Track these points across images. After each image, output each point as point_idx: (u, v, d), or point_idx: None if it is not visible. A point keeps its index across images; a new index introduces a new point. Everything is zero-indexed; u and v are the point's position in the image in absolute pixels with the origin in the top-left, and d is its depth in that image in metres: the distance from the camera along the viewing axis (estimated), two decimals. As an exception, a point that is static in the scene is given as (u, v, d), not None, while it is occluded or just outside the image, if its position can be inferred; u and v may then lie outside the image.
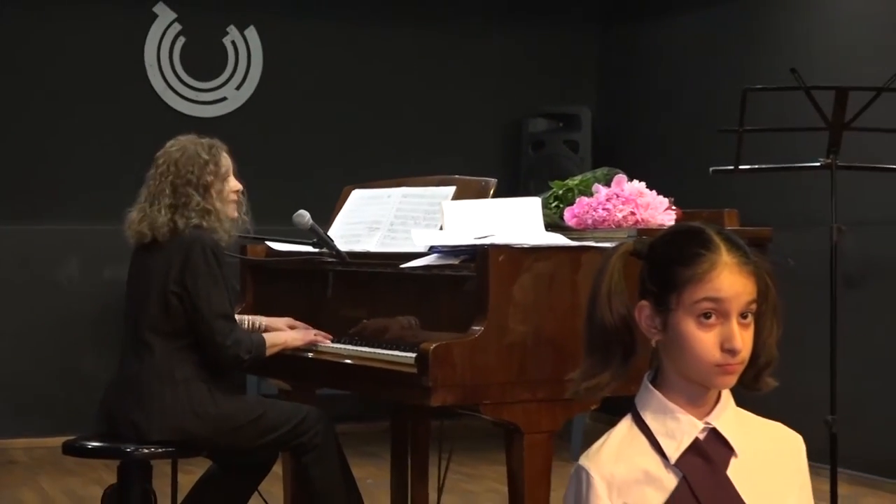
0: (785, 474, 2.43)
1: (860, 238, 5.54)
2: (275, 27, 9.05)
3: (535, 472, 4.33)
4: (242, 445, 4.79)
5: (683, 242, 2.38)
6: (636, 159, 7.54)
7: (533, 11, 9.55)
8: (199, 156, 4.85)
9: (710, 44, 8.59)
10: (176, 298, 4.69)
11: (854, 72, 5.02)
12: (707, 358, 2.30)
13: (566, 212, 4.76)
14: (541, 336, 4.31)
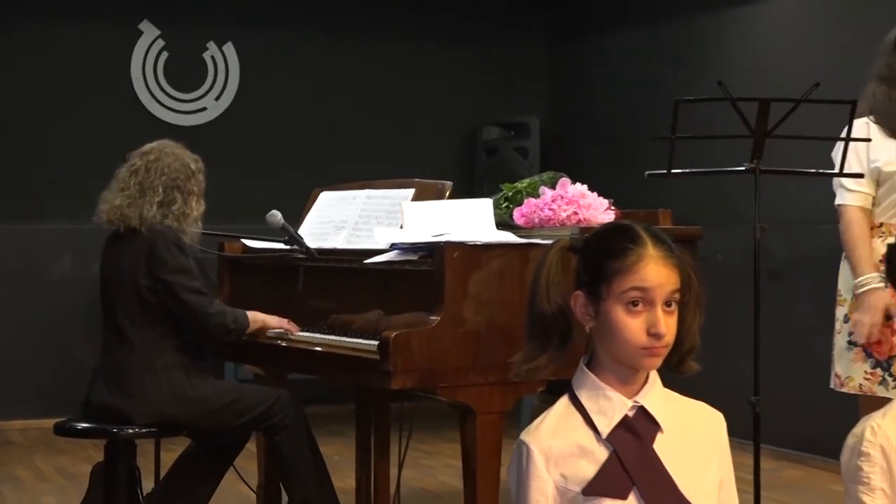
0: (706, 449, 2.44)
1: (781, 235, 5.59)
2: (250, 43, 9.03)
3: (486, 448, 4.35)
4: (219, 426, 4.79)
5: (614, 238, 2.40)
6: (580, 164, 7.56)
7: (488, 30, 9.55)
8: (188, 166, 4.88)
9: (646, 59, 8.62)
10: (148, 291, 4.68)
11: (776, 85, 5.06)
12: (635, 341, 2.33)
13: (515, 212, 4.78)
14: (492, 325, 4.33)
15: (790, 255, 6.34)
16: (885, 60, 4.39)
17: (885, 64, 4.39)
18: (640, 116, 7.59)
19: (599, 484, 2.33)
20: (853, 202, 4.36)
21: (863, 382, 4.27)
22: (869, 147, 4.33)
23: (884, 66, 4.39)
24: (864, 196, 4.34)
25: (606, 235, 2.44)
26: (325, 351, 4.70)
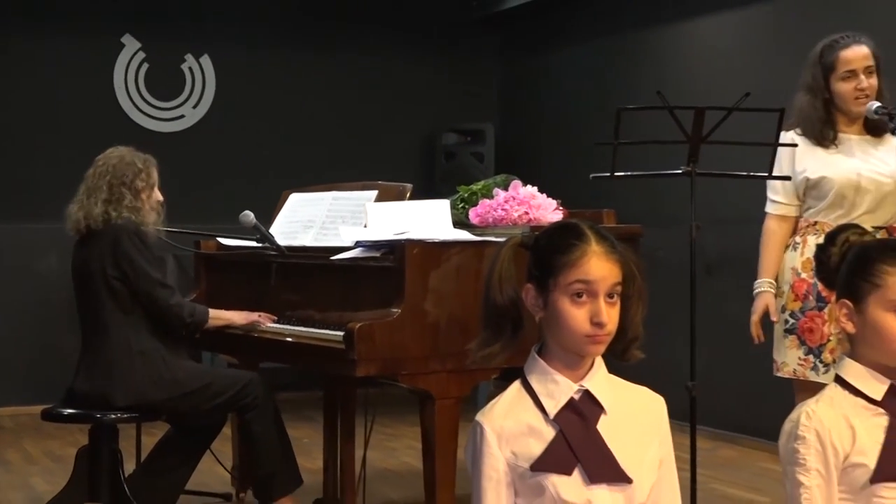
0: (647, 429, 2.45)
1: (716, 234, 5.63)
2: (226, 56, 9.01)
3: (444, 431, 4.35)
4: (195, 407, 4.77)
5: (560, 235, 2.41)
6: (531, 167, 7.59)
7: (447, 45, 9.57)
8: (134, 164, 4.85)
9: (591, 71, 8.65)
10: (117, 282, 4.67)
11: (710, 94, 5.08)
12: (579, 330, 2.33)
13: (471, 212, 4.79)
14: (449, 317, 4.33)
15: (724, 252, 6.38)
16: (810, 72, 4.43)
17: (809, 75, 4.43)
18: (585, 124, 7.61)
19: (546, 461, 2.34)
20: (773, 212, 4.41)
21: (797, 368, 4.30)
22: (795, 157, 4.36)
23: (809, 77, 4.43)
24: (781, 206, 4.39)
25: (554, 233, 2.45)
26: (294, 341, 4.69)
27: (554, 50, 9.25)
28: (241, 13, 9.03)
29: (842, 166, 4.32)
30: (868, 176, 4.31)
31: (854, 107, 4.34)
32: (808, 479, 2.44)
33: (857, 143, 4.39)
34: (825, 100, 4.37)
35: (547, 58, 9.34)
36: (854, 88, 4.32)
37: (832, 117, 4.38)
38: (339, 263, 4.64)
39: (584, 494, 2.33)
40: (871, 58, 4.36)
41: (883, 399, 2.46)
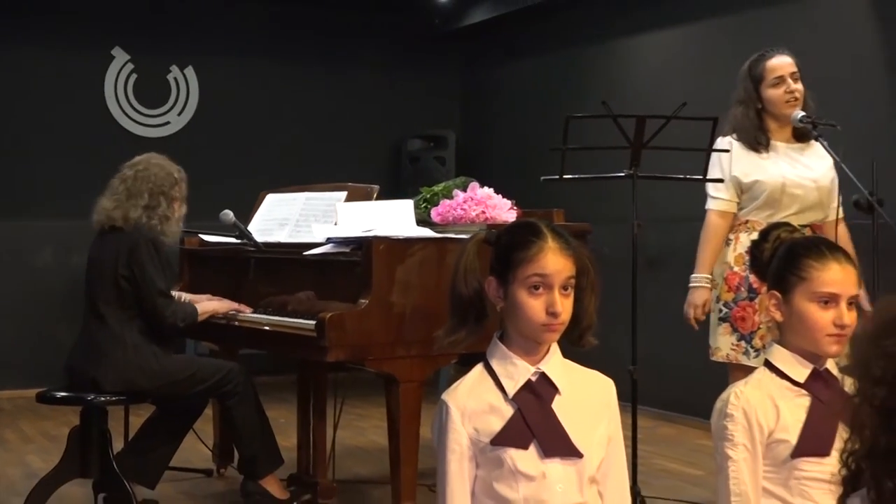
0: (597, 409, 2.45)
1: (656, 231, 5.66)
2: (208, 67, 8.98)
3: (408, 412, 4.35)
4: (180, 394, 4.75)
5: (520, 232, 2.42)
6: (488, 171, 7.60)
7: (412, 59, 9.56)
8: (172, 175, 4.88)
9: (543, 83, 8.67)
10: (125, 281, 4.65)
11: (650, 105, 5.10)
12: (536, 319, 2.34)
13: (432, 211, 4.78)
14: (413, 307, 4.33)
15: (664, 248, 6.41)
16: (742, 85, 4.45)
17: (741, 88, 4.45)
18: (538, 130, 7.61)
19: (505, 436, 2.34)
20: (714, 207, 4.41)
21: (729, 352, 4.32)
22: (731, 161, 4.38)
23: (741, 90, 4.45)
24: (724, 203, 4.39)
25: (514, 230, 2.46)
26: (271, 329, 4.68)
27: (510, 64, 9.27)
28: (222, 28, 9.00)
29: (772, 171, 4.34)
30: (795, 180, 4.34)
31: (786, 110, 4.36)
32: (735, 453, 2.45)
33: (786, 150, 4.42)
34: (757, 109, 4.40)
35: (503, 71, 9.36)
36: (784, 92, 4.35)
37: (764, 125, 4.41)
38: (311, 258, 4.63)
39: (539, 467, 2.33)
40: (796, 65, 4.39)
41: (806, 382, 2.47)
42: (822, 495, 2.41)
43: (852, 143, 4.62)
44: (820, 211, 4.38)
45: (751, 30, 6.74)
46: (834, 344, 2.46)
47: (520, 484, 2.34)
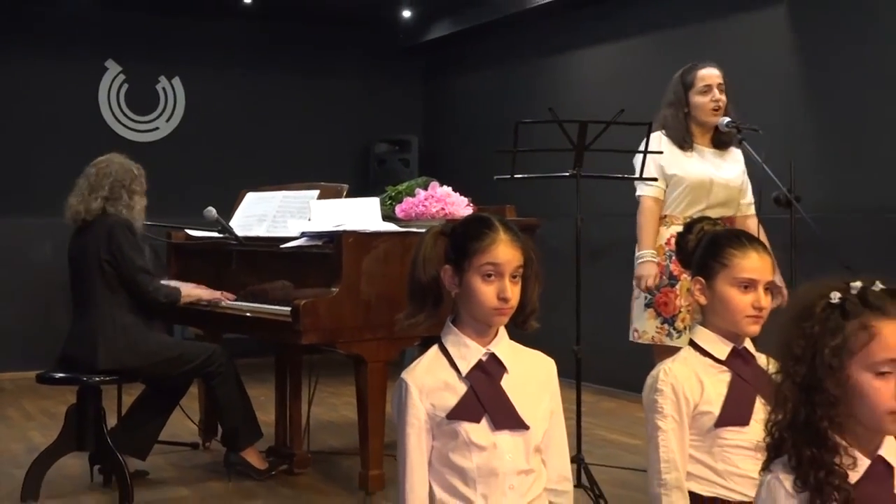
0: (541, 385, 2.45)
1: (598, 225, 5.68)
2: (194, 78, 8.92)
3: (375, 389, 4.36)
4: (167, 373, 4.73)
5: (474, 225, 2.41)
6: (448, 171, 7.57)
7: (379, 70, 9.54)
8: (132, 171, 4.82)
9: (497, 91, 8.68)
10: (108, 265, 4.62)
11: (592, 111, 5.11)
12: (488, 304, 2.33)
13: (397, 208, 4.79)
14: (379, 294, 4.33)
15: (605, 240, 6.43)
16: (673, 90, 4.47)
17: (672, 92, 4.48)
18: (492, 135, 7.59)
19: (459, 411, 2.33)
20: (648, 193, 4.41)
21: (655, 335, 4.34)
22: (661, 159, 4.40)
23: (671, 94, 4.48)
24: (657, 189, 4.40)
25: (469, 223, 2.45)
26: (251, 315, 4.67)
27: (467, 75, 9.28)
28: (207, 42, 8.95)
29: (692, 169, 4.38)
30: (715, 181, 4.38)
31: (710, 117, 4.39)
32: (664, 423, 2.46)
33: (705, 153, 4.45)
34: (685, 113, 4.43)
35: (461, 81, 9.37)
36: (710, 100, 4.38)
37: (689, 128, 4.44)
38: (287, 250, 4.62)
39: (490, 438, 2.33)
40: (722, 78, 4.43)
41: (727, 359, 2.48)
42: (742, 460, 2.42)
43: (772, 146, 4.66)
44: (730, 208, 4.44)
45: (681, 44, 6.77)
46: (752, 324, 2.47)
47: (473, 454, 2.33)
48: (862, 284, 1.87)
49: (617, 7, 7.45)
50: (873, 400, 1.82)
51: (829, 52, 5.98)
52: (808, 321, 1.87)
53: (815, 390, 1.84)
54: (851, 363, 1.83)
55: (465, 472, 2.34)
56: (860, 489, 1.83)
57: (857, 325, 1.83)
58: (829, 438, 1.84)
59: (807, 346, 1.86)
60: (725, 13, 6.63)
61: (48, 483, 4.61)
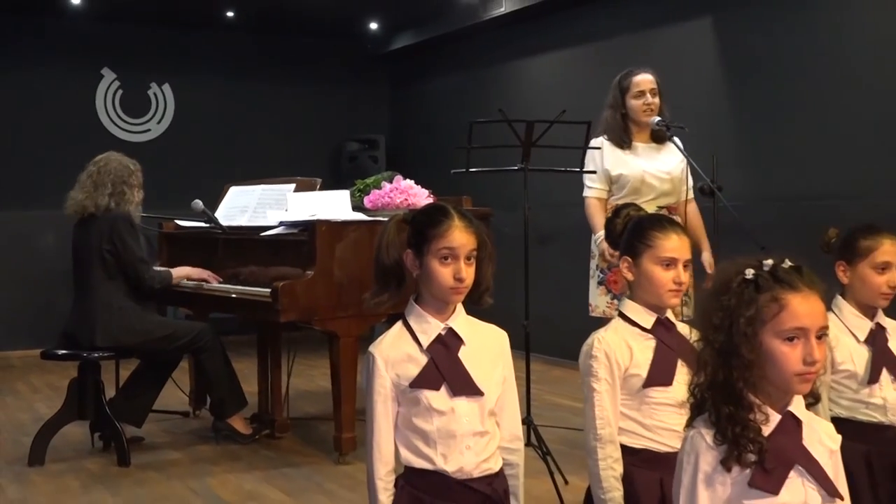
0: (494, 356, 2.43)
1: (545, 214, 5.68)
2: (182, 84, 8.85)
3: (347, 361, 4.36)
4: (160, 350, 4.70)
5: (432, 213, 2.39)
6: (412, 167, 7.52)
7: (350, 76, 9.49)
8: (129, 168, 4.79)
9: (455, 95, 8.68)
10: (109, 255, 4.60)
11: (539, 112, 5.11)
12: (446, 283, 2.31)
13: (365, 199, 4.76)
14: (350, 277, 4.33)
15: (551, 227, 6.44)
16: (612, 94, 4.48)
17: (611, 96, 4.48)
18: (451, 133, 7.54)
19: (421, 380, 2.33)
20: (591, 195, 4.43)
21: (605, 309, 4.35)
22: (603, 157, 4.40)
23: (611, 97, 4.48)
24: (598, 191, 4.41)
25: (427, 211, 2.44)
26: (236, 297, 4.65)
27: (428, 80, 9.27)
28: (194, 52, 8.86)
29: (633, 165, 4.39)
30: (652, 173, 4.39)
31: (643, 117, 4.40)
32: (599, 385, 2.47)
33: (645, 149, 4.46)
34: (622, 114, 4.43)
35: (423, 86, 9.34)
36: (643, 104, 4.39)
37: (627, 127, 4.44)
38: (267, 238, 4.60)
39: (449, 404, 2.32)
40: (655, 83, 4.43)
41: (652, 328, 2.49)
42: (666, 416, 2.44)
43: (698, 142, 4.68)
44: (673, 196, 4.43)
45: (617, 53, 6.78)
46: (673, 297, 2.48)
47: (433, 418, 2.33)
48: (773, 262, 1.89)
49: (561, 20, 7.46)
50: (782, 363, 1.83)
51: (749, 59, 6.02)
52: (726, 295, 1.89)
53: (731, 355, 1.85)
54: (763, 331, 1.84)
55: (426, 434, 2.33)
56: (772, 441, 1.85)
57: (768, 297, 1.85)
58: (744, 397, 1.85)
59: (725, 316, 1.87)
60: (658, 24, 6.65)
61: (53, 449, 4.59)
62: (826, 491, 1.86)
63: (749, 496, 1.84)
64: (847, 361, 2.78)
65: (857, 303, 2.83)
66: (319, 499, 3.96)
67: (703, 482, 1.85)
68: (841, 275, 2.84)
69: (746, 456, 1.82)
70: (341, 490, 4.06)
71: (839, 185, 5.43)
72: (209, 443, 4.90)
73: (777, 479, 1.84)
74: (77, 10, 7.99)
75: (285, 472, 4.37)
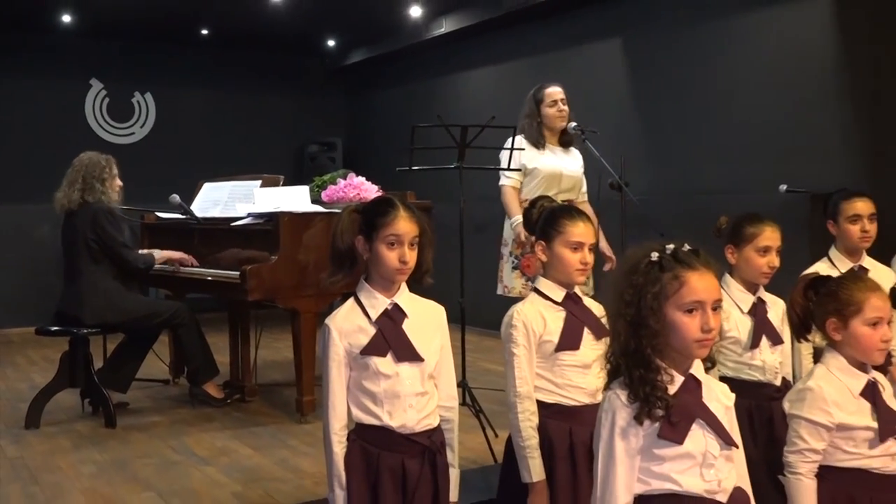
0: (433, 327, 2.44)
1: (477, 206, 5.67)
2: (162, 93, 8.70)
3: (307, 334, 4.33)
4: (142, 326, 4.63)
5: (380, 204, 2.39)
6: (365, 166, 7.49)
7: (311, 87, 9.41)
8: (99, 163, 4.67)
9: (403, 103, 8.65)
10: (93, 243, 4.51)
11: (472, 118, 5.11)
12: (392, 266, 2.31)
13: (322, 194, 4.72)
14: (309, 261, 4.30)
15: (483, 217, 6.41)
16: (528, 105, 4.51)
17: (528, 106, 4.51)
18: (398, 136, 7.52)
19: (370, 348, 2.32)
20: (508, 184, 4.43)
21: (521, 290, 4.37)
22: (522, 155, 4.42)
23: (528, 108, 4.52)
24: (514, 181, 4.42)
25: (377, 203, 2.43)
26: (211, 279, 4.59)
27: (379, 91, 9.21)
28: (173, 65, 8.72)
29: (545, 163, 4.43)
30: (563, 172, 4.44)
31: (556, 123, 4.45)
32: (518, 350, 2.49)
33: (554, 150, 4.50)
34: (538, 122, 4.47)
35: (374, 96, 9.29)
36: (556, 111, 4.44)
37: (542, 132, 4.48)
38: (236, 227, 4.55)
39: (394, 368, 2.33)
40: (564, 94, 4.49)
41: (562, 301, 2.52)
42: (574, 375, 2.48)
43: (608, 144, 4.72)
44: (572, 193, 4.49)
45: (541, 68, 6.82)
46: (580, 275, 2.51)
47: (380, 381, 2.33)
48: (674, 246, 1.91)
49: (493, 39, 7.48)
50: (683, 332, 1.86)
51: (653, 74, 6.09)
52: (635, 275, 1.90)
53: (641, 326, 1.87)
54: (667, 305, 1.87)
55: (374, 395, 2.33)
56: (677, 399, 1.87)
57: (670, 276, 1.87)
58: (652, 362, 1.87)
59: (634, 293, 1.89)
60: (575, 44, 6.70)
61: (47, 413, 4.50)
62: (723, 440, 1.90)
63: (658, 446, 1.86)
64: (733, 330, 2.83)
65: (742, 280, 2.88)
66: (282, 452, 3.93)
67: (619, 435, 1.87)
68: (729, 256, 2.88)
69: (655, 412, 1.85)
70: (301, 445, 4.03)
71: (727, 181, 5.52)
72: (186, 406, 4.84)
73: (682, 431, 1.86)
74: (68, 28, 7.83)
75: (253, 430, 4.34)
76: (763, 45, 5.38)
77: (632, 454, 1.86)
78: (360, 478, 2.32)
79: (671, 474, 1.86)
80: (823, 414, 2.25)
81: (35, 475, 3.67)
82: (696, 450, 1.87)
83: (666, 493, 1.86)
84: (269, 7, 7.16)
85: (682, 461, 1.86)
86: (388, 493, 2.31)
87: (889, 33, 4.80)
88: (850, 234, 3.30)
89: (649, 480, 1.87)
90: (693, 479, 1.86)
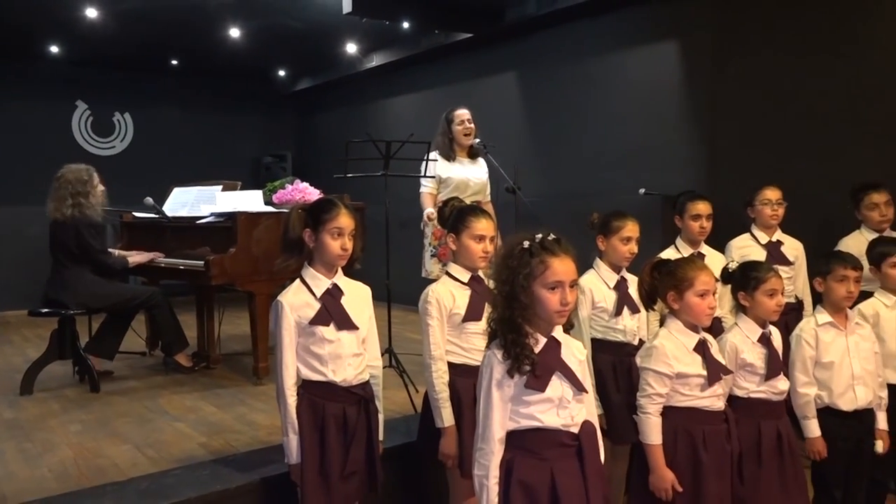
0: (364, 302, 2.47)
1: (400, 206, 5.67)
2: (139, 113, 8.44)
3: (262, 311, 4.27)
4: (122, 308, 4.49)
5: (327, 203, 2.41)
6: (311, 174, 7.38)
7: (266, 108, 9.24)
8: (82, 178, 4.44)
9: (342, 123, 8.59)
10: (75, 248, 4.34)
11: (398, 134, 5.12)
12: (334, 253, 2.34)
13: (273, 196, 4.66)
14: (262, 252, 4.24)
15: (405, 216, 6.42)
16: (441, 125, 4.52)
17: (441, 126, 4.53)
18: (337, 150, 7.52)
19: (316, 319, 2.34)
20: (425, 191, 4.43)
21: (438, 274, 4.36)
22: (436, 166, 4.43)
23: (441, 127, 4.53)
24: (431, 188, 4.43)
25: (324, 201, 2.45)
26: (182, 268, 4.48)
27: (322, 113, 9.12)
28: (148, 89, 8.46)
29: (455, 172, 4.45)
30: (468, 178, 4.46)
31: (464, 140, 4.47)
32: (432, 322, 2.51)
33: (463, 161, 4.52)
34: (449, 138, 4.48)
35: (318, 116, 9.19)
36: (463, 129, 4.45)
37: (452, 147, 4.49)
38: (202, 225, 4.45)
39: (336, 335, 2.36)
40: (470, 115, 4.50)
41: (468, 282, 2.54)
42: (477, 340, 2.50)
43: (505, 156, 4.78)
44: (480, 195, 4.51)
45: (453, 95, 6.85)
46: (483, 262, 2.54)
47: (325, 345, 2.35)
48: (542, 235, 1.96)
49: (414, 72, 7.48)
50: (547, 305, 1.91)
51: (541, 100, 6.19)
52: (511, 258, 1.95)
53: (514, 300, 1.91)
54: (534, 283, 1.91)
55: (320, 356, 2.35)
56: (541, 356, 1.93)
57: (538, 260, 1.92)
58: (522, 328, 1.92)
59: (510, 273, 1.93)
60: (480, 76, 6.76)
61: (39, 382, 4.33)
62: (576, 387, 1.96)
63: (526, 393, 1.92)
64: (602, 301, 2.91)
65: (609, 263, 2.96)
66: (241, 409, 3.87)
67: (495, 386, 1.92)
68: (600, 244, 2.96)
69: (524, 367, 1.90)
70: (257, 403, 3.98)
71: (599, 185, 5.66)
72: (160, 374, 4.72)
73: (543, 381, 1.92)
74: (56, 56, 7.53)
75: (217, 392, 4.26)
76: (627, 77, 5.53)
77: (505, 400, 1.91)
78: (310, 423, 2.34)
79: (535, 414, 1.91)
80: (665, 366, 2.35)
81: (28, 433, 3.53)
82: (555, 395, 1.92)
83: (532, 428, 1.92)
84: (229, 42, 7.03)
85: (543, 404, 1.92)
86: (333, 434, 2.33)
87: (723, 71, 5.00)
88: (691, 229, 3.38)
89: (519, 420, 1.93)
90: (552, 416, 1.92)
